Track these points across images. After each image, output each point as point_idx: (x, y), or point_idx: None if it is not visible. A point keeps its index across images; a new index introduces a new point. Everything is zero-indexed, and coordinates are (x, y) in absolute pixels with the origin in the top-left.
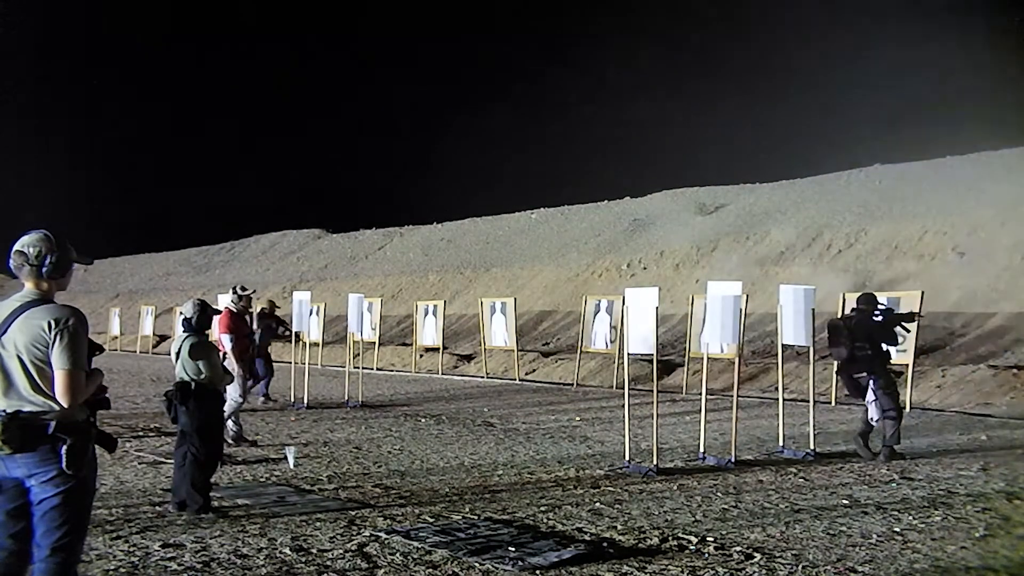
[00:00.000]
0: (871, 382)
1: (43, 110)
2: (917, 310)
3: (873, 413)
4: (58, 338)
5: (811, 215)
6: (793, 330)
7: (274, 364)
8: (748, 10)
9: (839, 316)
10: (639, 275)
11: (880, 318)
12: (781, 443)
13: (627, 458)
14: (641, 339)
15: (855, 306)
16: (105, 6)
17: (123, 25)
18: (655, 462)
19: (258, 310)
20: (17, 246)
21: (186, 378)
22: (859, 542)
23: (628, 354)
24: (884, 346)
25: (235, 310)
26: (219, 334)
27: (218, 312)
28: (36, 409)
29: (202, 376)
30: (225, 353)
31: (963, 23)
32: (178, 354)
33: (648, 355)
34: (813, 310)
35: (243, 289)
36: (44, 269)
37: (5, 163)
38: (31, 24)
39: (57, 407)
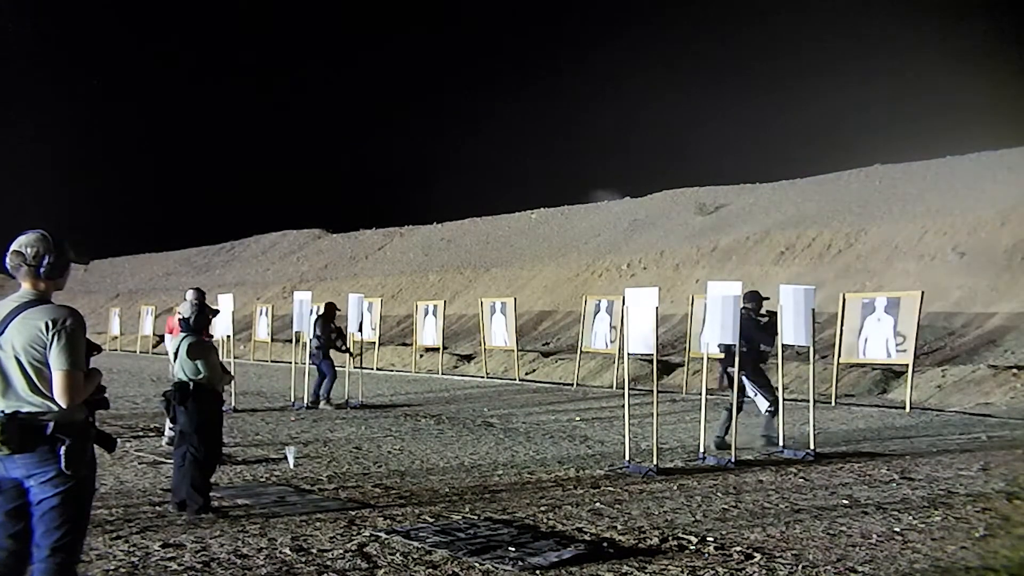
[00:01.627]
0: (744, 379)
1: (43, 109)
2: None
3: (761, 405)
4: (56, 339)
5: (811, 215)
6: (793, 330)
7: (274, 365)
8: (748, 10)
9: None
10: (639, 275)
11: (765, 319)
12: (781, 443)
13: (627, 458)
14: (641, 339)
15: (742, 304)
16: (107, 6)
17: (124, 25)
18: (655, 462)
19: (319, 311)
20: (14, 246)
21: (184, 378)
22: (859, 542)
23: (628, 354)
24: (762, 346)
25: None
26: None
27: (216, 312)
28: (34, 410)
29: (200, 376)
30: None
31: (963, 23)
32: (176, 354)
33: (648, 355)
34: (813, 310)
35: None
36: (41, 269)
37: (5, 163)
38: (32, 22)
39: (55, 407)
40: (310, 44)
